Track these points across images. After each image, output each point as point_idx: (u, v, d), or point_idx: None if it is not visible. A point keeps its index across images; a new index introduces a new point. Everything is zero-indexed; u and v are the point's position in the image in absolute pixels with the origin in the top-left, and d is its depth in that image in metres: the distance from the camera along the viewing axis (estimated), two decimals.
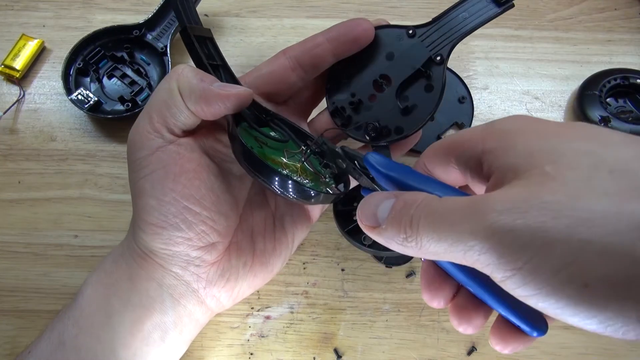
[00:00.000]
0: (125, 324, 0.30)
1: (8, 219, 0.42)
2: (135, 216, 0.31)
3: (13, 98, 0.46)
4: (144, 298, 0.31)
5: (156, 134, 0.30)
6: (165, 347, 0.32)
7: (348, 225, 0.38)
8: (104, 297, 0.31)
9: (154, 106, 0.30)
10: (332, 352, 0.39)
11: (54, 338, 0.31)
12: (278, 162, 0.31)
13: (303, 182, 0.30)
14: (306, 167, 0.32)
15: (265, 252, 0.34)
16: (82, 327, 0.30)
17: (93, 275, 0.33)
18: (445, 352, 0.39)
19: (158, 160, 0.29)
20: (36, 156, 0.44)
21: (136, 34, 0.47)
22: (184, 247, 0.30)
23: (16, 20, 0.50)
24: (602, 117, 0.44)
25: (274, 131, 0.34)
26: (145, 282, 0.31)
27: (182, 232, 0.30)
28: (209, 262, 0.32)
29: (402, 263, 0.41)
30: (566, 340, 0.39)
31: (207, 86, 0.29)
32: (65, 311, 0.32)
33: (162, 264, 0.31)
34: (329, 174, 0.32)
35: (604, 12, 0.51)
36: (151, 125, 0.30)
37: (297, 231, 0.36)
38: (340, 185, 0.32)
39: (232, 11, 0.51)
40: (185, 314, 0.32)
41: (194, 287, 0.32)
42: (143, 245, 0.31)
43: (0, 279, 0.40)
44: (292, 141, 0.34)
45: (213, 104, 0.29)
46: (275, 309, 0.40)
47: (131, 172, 0.30)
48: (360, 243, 0.37)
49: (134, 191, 0.30)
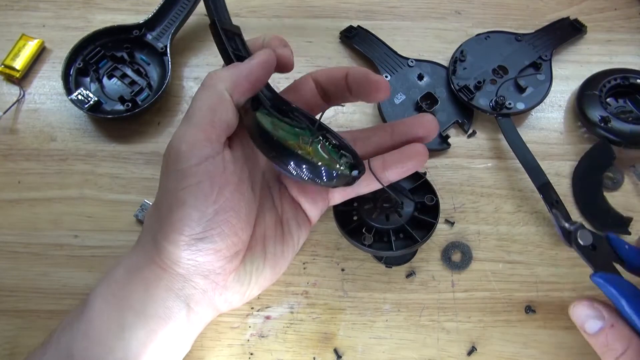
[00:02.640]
0: (139, 335, 0.30)
1: (8, 219, 0.42)
2: (166, 226, 0.30)
3: (13, 98, 0.46)
4: (160, 309, 0.31)
5: (206, 143, 0.29)
6: (174, 351, 0.32)
7: (348, 225, 0.38)
8: (116, 309, 0.30)
9: (201, 115, 0.29)
10: (332, 352, 0.39)
11: (61, 350, 0.30)
12: (293, 145, 0.30)
13: (317, 162, 0.30)
14: (319, 151, 0.31)
15: (275, 255, 0.34)
16: (93, 339, 0.30)
17: (102, 286, 0.32)
18: (445, 352, 0.39)
19: (205, 171, 0.29)
20: (36, 156, 0.44)
21: (136, 34, 0.47)
22: (211, 257, 0.30)
23: (16, 20, 0.50)
24: (602, 117, 0.44)
25: (292, 120, 0.33)
26: (163, 292, 0.31)
27: (215, 244, 0.30)
28: (229, 270, 0.32)
29: (402, 263, 0.41)
30: (566, 340, 0.39)
31: (244, 67, 0.30)
32: (72, 322, 0.31)
33: (183, 274, 0.31)
34: (345, 163, 0.32)
35: (604, 12, 0.51)
36: (203, 133, 0.29)
37: (302, 234, 0.36)
38: (355, 171, 0.31)
39: (232, 11, 0.50)
40: (197, 319, 0.32)
41: (210, 294, 0.32)
42: (166, 256, 0.30)
43: (0, 279, 0.40)
44: (309, 131, 0.33)
45: (253, 82, 0.30)
46: (275, 309, 0.40)
47: (171, 182, 0.29)
48: (360, 243, 0.37)
49: (170, 201, 0.29)
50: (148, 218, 0.33)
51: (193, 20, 0.48)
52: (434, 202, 0.38)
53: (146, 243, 0.32)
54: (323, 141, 0.32)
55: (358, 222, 0.38)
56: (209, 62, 0.48)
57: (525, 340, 0.39)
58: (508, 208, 0.43)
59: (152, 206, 0.33)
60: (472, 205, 0.43)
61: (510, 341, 0.39)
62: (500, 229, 0.42)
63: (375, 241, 0.37)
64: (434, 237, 0.42)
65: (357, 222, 0.38)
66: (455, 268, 0.41)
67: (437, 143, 0.45)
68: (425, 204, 0.38)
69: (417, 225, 0.38)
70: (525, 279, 0.41)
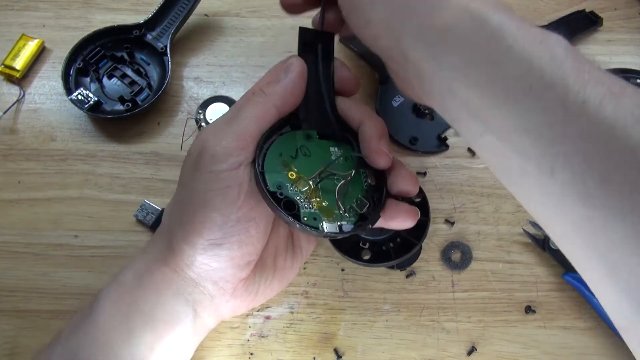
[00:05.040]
0: (147, 340, 0.30)
1: (8, 219, 0.42)
2: (187, 226, 0.30)
3: (13, 98, 0.46)
4: (168, 313, 0.31)
5: (242, 151, 0.29)
6: (179, 356, 0.32)
7: (344, 244, 0.38)
8: (125, 312, 0.30)
9: (245, 124, 0.29)
10: (332, 352, 0.39)
11: (67, 354, 0.30)
12: (295, 178, 0.30)
13: (303, 219, 0.29)
14: (321, 194, 0.31)
15: (284, 268, 0.35)
16: (100, 343, 0.30)
17: (110, 290, 0.31)
18: (445, 352, 0.39)
19: (235, 177, 0.29)
20: (36, 156, 0.44)
21: (136, 34, 0.47)
22: (225, 264, 0.30)
23: (16, 20, 0.50)
24: None
25: (335, 147, 0.33)
26: (173, 297, 0.31)
27: (232, 252, 0.30)
28: (240, 279, 0.32)
29: (413, 262, 0.41)
30: (566, 340, 0.39)
31: (288, 82, 0.31)
32: (79, 324, 0.31)
33: (194, 278, 0.31)
34: (353, 211, 0.31)
35: (604, 12, 0.51)
36: (241, 141, 0.29)
37: (310, 247, 0.37)
38: (347, 226, 0.30)
39: (232, 11, 0.51)
40: (202, 325, 0.32)
41: (218, 301, 0.32)
42: (180, 258, 0.30)
43: (0, 279, 0.40)
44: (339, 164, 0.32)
45: (298, 95, 0.31)
46: (275, 309, 0.40)
47: (201, 182, 0.29)
48: (360, 260, 0.37)
49: (195, 201, 0.29)
50: (168, 214, 0.33)
51: (193, 20, 0.48)
52: (421, 198, 0.38)
53: (160, 241, 0.32)
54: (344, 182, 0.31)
55: (353, 239, 0.39)
56: (209, 62, 0.48)
57: (525, 340, 0.39)
58: (508, 208, 0.43)
59: (174, 203, 0.33)
60: (472, 205, 0.43)
61: (510, 341, 0.39)
62: (500, 229, 0.42)
63: (374, 253, 0.38)
64: (433, 237, 0.42)
65: (352, 239, 0.39)
66: (455, 268, 0.41)
67: (436, 145, 0.45)
68: (414, 202, 0.38)
69: (413, 227, 0.38)
70: (525, 279, 0.41)
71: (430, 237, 0.42)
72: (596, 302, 0.38)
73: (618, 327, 0.24)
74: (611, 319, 0.24)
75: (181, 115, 0.46)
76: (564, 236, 0.24)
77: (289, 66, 0.32)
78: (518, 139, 0.23)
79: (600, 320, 0.39)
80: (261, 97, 0.31)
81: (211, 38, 0.49)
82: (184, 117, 0.46)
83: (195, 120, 0.45)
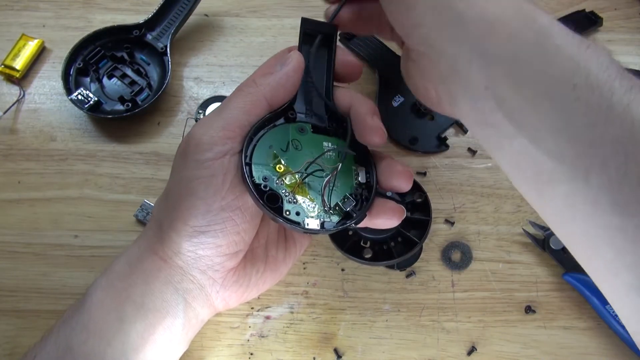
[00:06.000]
0: (138, 328, 0.30)
1: (8, 219, 0.42)
2: (173, 213, 0.30)
3: (13, 98, 0.46)
4: (159, 302, 0.31)
5: (228, 141, 0.29)
6: (172, 348, 0.32)
7: (346, 243, 0.38)
8: (116, 301, 0.31)
9: (233, 115, 0.30)
10: (332, 352, 0.39)
11: (60, 343, 0.30)
12: (283, 171, 0.30)
13: (286, 213, 0.29)
14: (307, 189, 0.31)
15: (276, 260, 0.34)
16: (92, 331, 0.30)
17: (102, 279, 0.32)
18: (445, 352, 0.39)
19: (220, 166, 0.29)
20: (36, 156, 0.44)
21: (136, 34, 0.47)
22: (211, 252, 0.30)
23: (16, 20, 0.50)
24: None
25: (328, 142, 0.33)
26: (162, 285, 0.31)
27: (217, 240, 0.30)
28: (228, 268, 0.32)
29: (413, 262, 0.41)
30: (566, 340, 0.39)
31: (282, 75, 0.30)
32: (71, 315, 0.31)
33: (182, 266, 0.31)
34: (337, 209, 0.31)
35: (604, 12, 0.51)
36: (228, 131, 0.29)
37: (304, 241, 0.37)
38: (330, 223, 0.30)
39: (232, 11, 0.51)
40: (194, 316, 0.32)
41: (208, 290, 0.32)
42: (168, 246, 0.30)
43: (0, 279, 0.40)
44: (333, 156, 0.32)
45: (290, 89, 0.31)
46: (275, 309, 0.40)
47: (187, 170, 0.30)
48: (361, 259, 0.37)
49: (181, 189, 0.30)
50: (157, 204, 0.34)
51: (193, 20, 0.48)
52: (423, 198, 0.38)
53: (150, 230, 0.32)
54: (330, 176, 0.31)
55: (355, 238, 0.38)
56: (209, 62, 0.48)
57: (525, 340, 0.39)
58: (508, 208, 0.43)
59: (163, 193, 0.33)
60: (472, 205, 0.43)
61: (510, 341, 0.39)
62: (500, 229, 0.42)
63: (375, 252, 0.38)
64: (433, 237, 0.42)
65: (353, 238, 0.38)
66: (455, 268, 0.41)
67: (435, 145, 0.45)
68: (415, 202, 0.38)
69: (413, 226, 0.38)
70: (525, 279, 0.41)
71: (431, 237, 0.42)
72: (596, 302, 0.38)
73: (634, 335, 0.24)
74: (629, 330, 0.24)
75: (181, 115, 0.46)
76: (586, 245, 0.23)
77: (286, 59, 0.31)
78: (554, 141, 0.22)
79: (600, 320, 0.39)
80: (252, 87, 0.30)
81: (211, 38, 0.49)
82: (184, 117, 0.46)
83: (195, 120, 0.45)
